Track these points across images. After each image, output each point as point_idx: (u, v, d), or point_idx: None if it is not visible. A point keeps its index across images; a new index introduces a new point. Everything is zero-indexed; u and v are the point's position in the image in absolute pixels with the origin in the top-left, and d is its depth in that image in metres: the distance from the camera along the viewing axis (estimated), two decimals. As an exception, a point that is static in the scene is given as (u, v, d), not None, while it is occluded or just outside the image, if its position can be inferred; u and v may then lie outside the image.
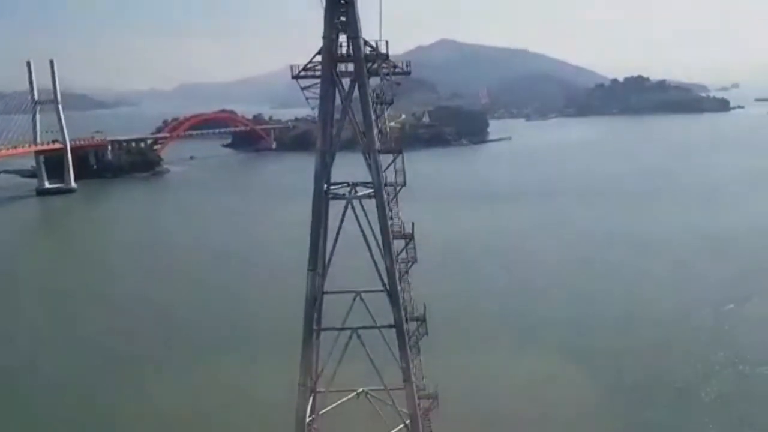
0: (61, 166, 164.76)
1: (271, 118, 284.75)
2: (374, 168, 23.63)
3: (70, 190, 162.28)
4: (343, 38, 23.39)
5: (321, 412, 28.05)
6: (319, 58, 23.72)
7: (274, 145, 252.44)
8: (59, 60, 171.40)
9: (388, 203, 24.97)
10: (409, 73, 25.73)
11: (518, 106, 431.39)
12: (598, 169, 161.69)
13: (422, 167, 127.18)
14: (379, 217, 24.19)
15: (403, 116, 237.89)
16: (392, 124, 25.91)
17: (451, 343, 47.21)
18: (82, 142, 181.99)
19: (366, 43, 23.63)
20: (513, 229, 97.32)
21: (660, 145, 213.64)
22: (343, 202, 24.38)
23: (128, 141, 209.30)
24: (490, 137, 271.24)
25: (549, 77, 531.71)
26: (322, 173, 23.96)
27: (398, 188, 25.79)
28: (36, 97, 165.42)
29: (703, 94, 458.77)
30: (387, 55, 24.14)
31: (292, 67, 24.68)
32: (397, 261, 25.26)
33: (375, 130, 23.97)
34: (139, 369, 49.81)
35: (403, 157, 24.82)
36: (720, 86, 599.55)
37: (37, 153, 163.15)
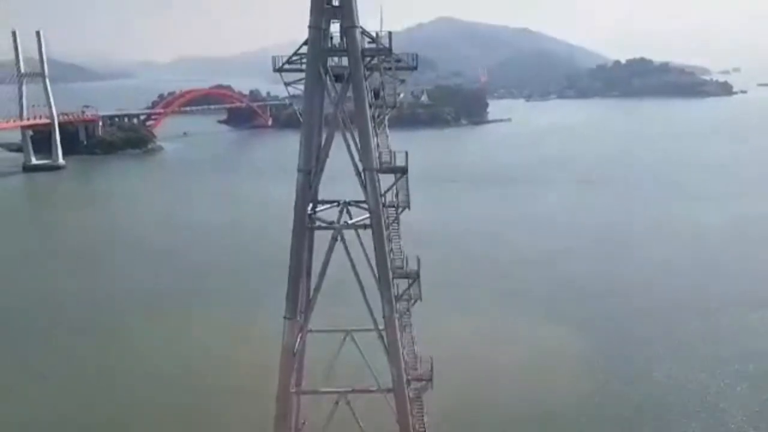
0: (50, 141, 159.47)
1: (269, 93, 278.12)
2: (371, 191, 19.20)
3: (58, 167, 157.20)
4: (335, 26, 19.16)
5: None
6: (305, 49, 19.34)
7: (270, 122, 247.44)
8: (49, 28, 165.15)
9: (388, 231, 20.37)
10: (415, 68, 21.46)
11: (518, 86, 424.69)
12: (599, 154, 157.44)
13: (421, 149, 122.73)
14: (376, 250, 19.82)
15: (402, 95, 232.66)
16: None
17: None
18: (71, 117, 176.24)
19: (364, 33, 19.31)
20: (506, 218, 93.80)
21: (662, 131, 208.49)
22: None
23: (120, 116, 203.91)
24: (490, 118, 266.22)
25: (550, 57, 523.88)
26: (305, 198, 19.41)
27: (400, 210, 21.14)
28: (22, 69, 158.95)
29: (706, 77, 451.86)
30: (390, 49, 19.73)
31: (274, 59, 20.45)
32: (397, 301, 21.04)
33: (373, 142, 19.51)
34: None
35: (407, 177, 20.27)
36: (722, 69, 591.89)
37: (24, 128, 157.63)
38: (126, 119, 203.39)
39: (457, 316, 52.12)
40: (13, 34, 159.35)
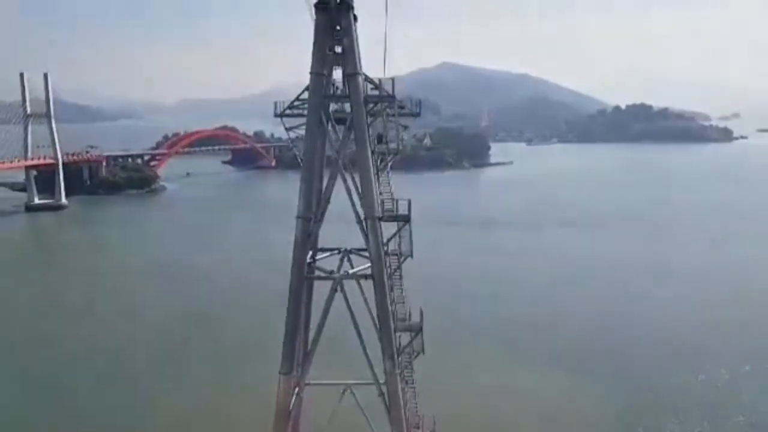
0: (53, 180, 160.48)
1: (272, 135, 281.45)
2: (373, 240, 18.62)
3: (60, 207, 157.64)
4: (338, 72, 18.98)
5: None
6: (307, 94, 19.12)
7: (273, 163, 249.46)
8: (58, 70, 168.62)
9: (390, 281, 19.69)
10: (418, 114, 21.20)
11: (519, 130, 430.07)
12: (604, 198, 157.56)
13: (424, 191, 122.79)
14: (377, 302, 19.09)
15: (405, 138, 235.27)
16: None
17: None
18: (75, 158, 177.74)
19: (367, 79, 19.12)
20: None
21: (661, 176, 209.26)
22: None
23: (124, 157, 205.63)
24: (492, 160, 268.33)
25: (550, 102, 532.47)
26: (303, 246, 18.84)
27: (402, 259, 20.54)
28: (29, 110, 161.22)
29: (706, 123, 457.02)
30: (394, 96, 19.50)
31: (276, 104, 20.23)
32: (399, 355, 20.17)
33: (375, 189, 19.08)
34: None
35: (410, 226, 19.73)
36: (721, 115, 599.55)
37: (28, 168, 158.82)
38: (130, 159, 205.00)
39: (461, 369, 49.93)
40: (21, 75, 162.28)
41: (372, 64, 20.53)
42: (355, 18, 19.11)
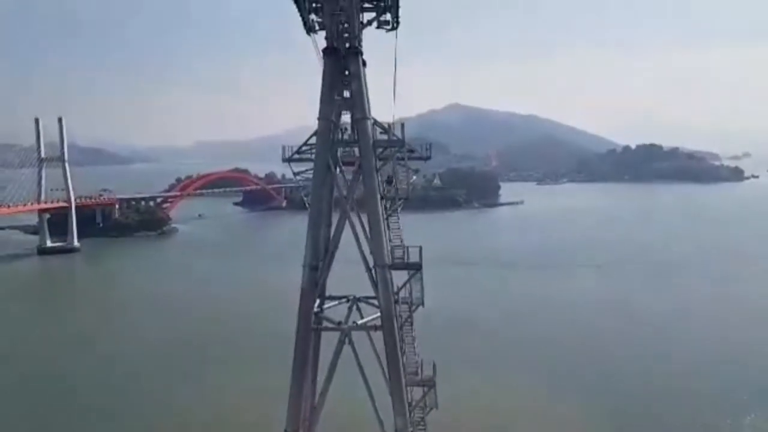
0: (66, 223, 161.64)
1: (284, 176, 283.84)
2: (383, 289, 17.85)
3: (72, 249, 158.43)
4: (346, 116, 18.73)
5: None
6: (315, 139, 18.80)
7: (284, 204, 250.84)
8: (76, 114, 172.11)
9: (401, 331, 18.81)
10: (429, 158, 20.82)
11: (528, 169, 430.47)
12: (617, 239, 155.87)
13: (434, 231, 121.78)
14: (388, 355, 18.20)
15: (414, 178, 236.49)
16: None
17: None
18: (88, 201, 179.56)
19: (376, 123, 18.82)
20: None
21: (676, 215, 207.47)
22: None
23: (137, 199, 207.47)
24: (502, 200, 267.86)
25: (559, 141, 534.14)
26: (311, 296, 18.09)
27: (414, 308, 19.64)
28: (43, 154, 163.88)
29: (716, 163, 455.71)
30: (403, 141, 19.15)
31: (284, 149, 19.96)
32: (411, 411, 19.14)
33: (385, 236, 18.45)
34: None
35: (421, 274, 18.99)
36: (731, 155, 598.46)
37: (41, 211, 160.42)
38: (143, 202, 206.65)
39: (476, 424, 47.70)
40: (36, 121, 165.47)
41: (381, 105, 20.39)
42: (364, 63, 19.13)
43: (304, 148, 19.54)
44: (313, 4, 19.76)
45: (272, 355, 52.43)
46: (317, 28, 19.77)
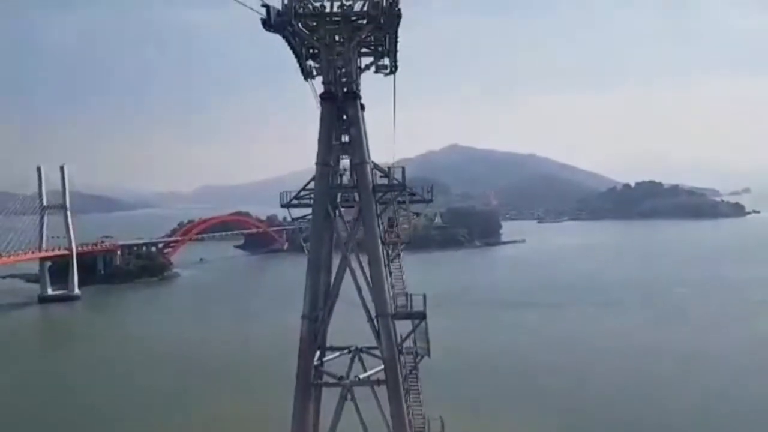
0: (67, 271, 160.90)
1: (285, 218, 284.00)
2: (386, 340, 17.05)
3: (73, 297, 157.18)
4: (345, 160, 18.51)
5: None
6: (313, 184, 18.50)
7: (285, 246, 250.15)
8: (79, 161, 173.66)
9: (406, 383, 17.91)
10: (430, 200, 20.51)
11: (529, 208, 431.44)
12: (621, 278, 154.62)
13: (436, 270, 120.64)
14: (392, 412, 17.23)
15: (416, 217, 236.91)
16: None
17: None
18: (90, 248, 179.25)
19: (376, 167, 18.57)
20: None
21: (682, 253, 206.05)
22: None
23: (139, 245, 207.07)
24: (504, 239, 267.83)
25: (558, 180, 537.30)
26: (309, 349, 17.20)
27: (418, 359, 18.79)
28: (45, 202, 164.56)
29: (717, 199, 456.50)
30: (404, 185, 18.84)
31: (281, 195, 19.70)
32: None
33: (386, 283, 17.85)
34: None
35: (426, 323, 18.24)
36: (731, 191, 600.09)
37: (42, 259, 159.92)
38: (144, 248, 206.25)
39: None
40: (38, 169, 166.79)
41: (380, 145, 20.23)
42: (362, 107, 19.09)
43: (302, 193, 19.32)
44: (310, 50, 20.06)
45: (271, 410, 51.10)
46: (314, 73, 19.91)
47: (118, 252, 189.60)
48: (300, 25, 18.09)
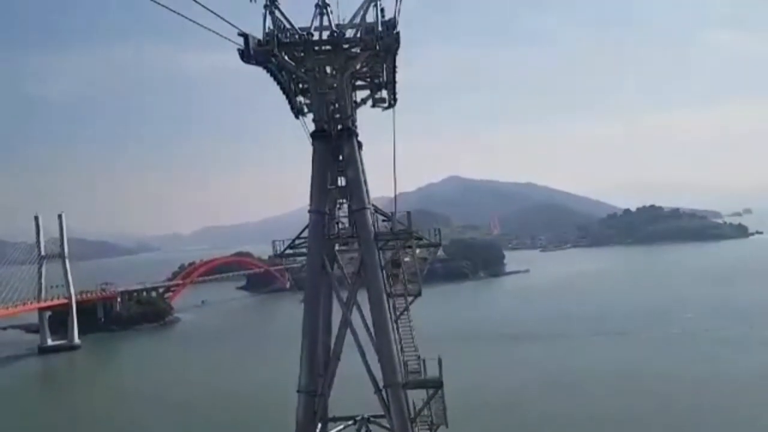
0: (67, 320, 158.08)
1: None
2: (397, 412, 14.74)
3: (73, 347, 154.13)
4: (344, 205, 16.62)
5: None
6: (307, 232, 16.47)
7: (288, 285, 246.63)
8: (79, 207, 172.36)
9: None
10: (439, 245, 18.57)
11: (531, 237, 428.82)
12: (629, 307, 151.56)
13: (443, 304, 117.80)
14: None
15: (418, 251, 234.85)
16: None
17: None
18: (89, 296, 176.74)
19: (378, 211, 16.52)
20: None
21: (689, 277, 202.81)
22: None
23: (139, 291, 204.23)
24: (508, 269, 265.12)
25: (559, 208, 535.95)
26: (308, 428, 14.66)
27: (435, 429, 16.43)
28: (43, 251, 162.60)
29: (719, 221, 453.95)
30: (410, 232, 16.80)
31: (274, 244, 17.82)
32: None
33: (394, 346, 15.42)
34: None
35: (443, 391, 15.93)
36: (733, 211, 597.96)
37: (42, 309, 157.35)
38: (145, 293, 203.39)
39: None
40: (36, 218, 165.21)
41: (378, 180, 18.35)
42: (360, 145, 17.22)
43: (297, 241, 17.38)
44: (300, 85, 18.39)
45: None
46: (305, 110, 18.27)
47: (118, 299, 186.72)
48: (285, 55, 16.44)
